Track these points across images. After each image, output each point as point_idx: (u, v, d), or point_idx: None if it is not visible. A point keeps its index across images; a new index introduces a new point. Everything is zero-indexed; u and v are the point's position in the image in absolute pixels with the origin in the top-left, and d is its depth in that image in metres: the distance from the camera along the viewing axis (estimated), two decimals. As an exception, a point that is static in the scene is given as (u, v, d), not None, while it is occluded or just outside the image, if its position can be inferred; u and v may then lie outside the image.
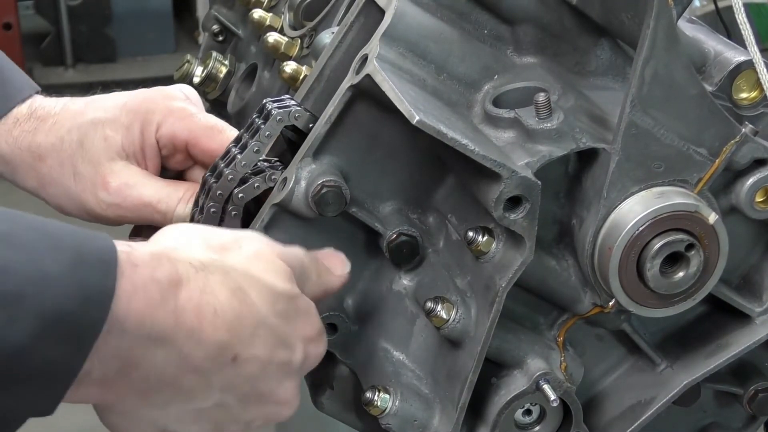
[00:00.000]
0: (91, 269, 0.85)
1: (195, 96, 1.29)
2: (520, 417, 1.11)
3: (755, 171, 1.06)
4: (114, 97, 1.28)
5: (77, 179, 1.25)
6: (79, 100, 1.28)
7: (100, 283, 0.85)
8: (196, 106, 1.26)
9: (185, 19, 6.33)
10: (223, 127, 1.23)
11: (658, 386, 1.12)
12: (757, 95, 1.13)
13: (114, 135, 1.24)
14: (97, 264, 0.86)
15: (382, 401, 1.08)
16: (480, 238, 1.04)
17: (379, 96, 1.03)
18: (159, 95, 1.25)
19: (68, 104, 1.28)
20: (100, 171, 1.24)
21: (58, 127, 1.26)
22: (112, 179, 1.23)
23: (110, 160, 1.24)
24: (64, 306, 0.82)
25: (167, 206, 1.22)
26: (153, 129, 1.23)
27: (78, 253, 0.85)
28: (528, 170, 1.00)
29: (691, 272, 1.03)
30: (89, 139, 1.24)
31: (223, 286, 0.94)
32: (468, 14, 1.10)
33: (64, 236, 0.86)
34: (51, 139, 1.26)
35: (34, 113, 1.27)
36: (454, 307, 1.06)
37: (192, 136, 1.23)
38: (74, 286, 0.83)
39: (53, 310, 0.82)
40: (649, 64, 0.98)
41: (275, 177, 1.11)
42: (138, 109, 1.24)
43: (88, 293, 0.84)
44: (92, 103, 1.28)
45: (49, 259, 0.83)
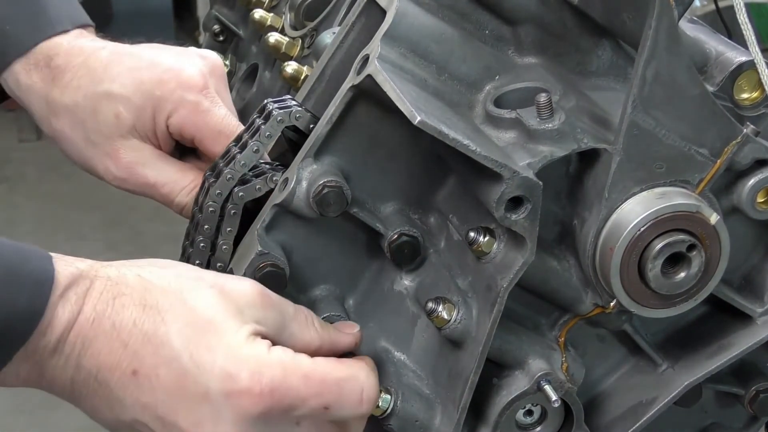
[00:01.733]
0: (21, 290, 0.91)
1: (218, 71, 1.27)
2: (522, 417, 1.11)
3: (757, 171, 1.06)
4: (134, 65, 1.26)
5: (88, 145, 1.26)
6: (102, 57, 1.27)
7: (27, 304, 0.91)
8: (212, 94, 1.24)
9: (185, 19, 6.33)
10: (232, 131, 1.22)
11: (659, 387, 1.12)
12: (758, 95, 1.13)
13: (126, 114, 1.24)
14: (29, 285, 0.91)
15: (383, 402, 1.08)
16: (481, 239, 1.04)
17: (381, 96, 1.02)
18: (176, 82, 1.24)
19: (89, 58, 1.27)
20: (113, 144, 1.25)
21: (75, 86, 1.26)
22: (123, 155, 1.25)
23: (122, 137, 1.25)
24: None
25: (170, 191, 1.24)
26: (164, 116, 1.24)
27: (11, 272, 0.91)
28: (529, 171, 1.00)
29: (692, 273, 1.03)
30: (103, 111, 1.25)
31: (135, 302, 0.96)
32: (469, 14, 1.10)
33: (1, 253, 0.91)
34: (66, 100, 1.26)
35: (53, 61, 1.27)
36: (455, 307, 1.06)
37: (199, 134, 1.23)
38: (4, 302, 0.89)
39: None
40: (651, 64, 0.98)
41: (276, 179, 1.11)
42: (152, 93, 1.24)
43: (14, 313, 0.90)
44: (113, 66, 1.26)
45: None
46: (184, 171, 1.25)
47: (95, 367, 0.95)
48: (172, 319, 0.95)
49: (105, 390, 0.96)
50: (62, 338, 0.94)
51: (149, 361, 0.94)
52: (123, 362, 0.95)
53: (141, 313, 0.95)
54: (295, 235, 1.10)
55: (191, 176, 1.24)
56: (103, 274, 0.96)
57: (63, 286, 0.93)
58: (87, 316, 0.94)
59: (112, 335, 0.94)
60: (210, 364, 0.94)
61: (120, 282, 0.96)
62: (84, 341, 0.94)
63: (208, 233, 1.13)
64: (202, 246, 1.13)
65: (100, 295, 0.95)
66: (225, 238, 1.12)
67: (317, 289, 1.13)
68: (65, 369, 0.95)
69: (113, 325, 0.94)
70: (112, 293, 0.95)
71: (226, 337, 0.95)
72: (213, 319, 0.96)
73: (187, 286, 0.98)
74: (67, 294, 0.94)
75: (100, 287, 0.95)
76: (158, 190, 1.24)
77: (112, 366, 0.95)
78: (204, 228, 1.13)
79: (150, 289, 0.96)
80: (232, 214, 1.12)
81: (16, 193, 4.74)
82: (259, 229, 1.08)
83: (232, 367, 0.94)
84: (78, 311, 0.94)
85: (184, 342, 0.94)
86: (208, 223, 1.12)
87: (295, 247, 1.10)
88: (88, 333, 0.94)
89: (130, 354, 0.94)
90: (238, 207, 1.12)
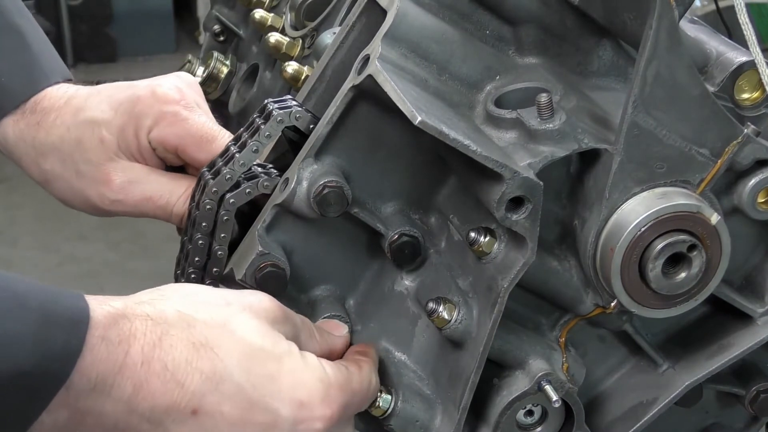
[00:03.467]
0: (58, 326, 0.89)
1: (192, 86, 1.28)
2: (522, 418, 1.11)
3: (757, 172, 1.06)
4: (113, 92, 1.28)
5: (79, 177, 1.27)
6: (83, 92, 1.29)
7: (64, 346, 0.89)
8: (190, 105, 1.25)
9: (186, 19, 6.34)
10: (214, 135, 1.23)
11: (660, 387, 1.12)
12: (759, 96, 1.13)
13: (109, 136, 1.25)
14: (65, 325, 0.89)
15: (384, 402, 1.08)
16: (482, 239, 1.04)
17: (381, 96, 1.02)
18: (152, 97, 1.25)
19: (72, 98, 1.29)
20: (103, 170, 1.25)
21: (59, 123, 1.27)
22: (115, 177, 1.25)
23: (110, 160, 1.25)
24: (23, 365, 0.86)
25: (167, 201, 1.24)
26: (145, 132, 1.24)
27: (45, 312, 0.89)
28: (530, 171, 1.00)
29: (693, 273, 1.03)
30: (87, 139, 1.26)
31: (183, 340, 0.95)
32: (470, 15, 1.10)
33: (31, 296, 0.89)
34: (52, 138, 1.27)
35: (40, 105, 1.28)
36: (456, 307, 1.06)
37: (182, 143, 1.23)
38: (39, 344, 0.87)
39: (11, 368, 0.86)
40: (652, 64, 0.98)
41: (267, 184, 1.11)
42: (131, 112, 1.25)
43: (51, 355, 0.88)
44: (92, 97, 1.28)
45: (12, 319, 0.87)
46: (177, 180, 1.25)
47: (149, 410, 0.93)
48: (226, 354, 0.95)
49: (158, 429, 0.94)
50: (109, 381, 0.91)
51: (210, 399, 0.94)
52: (181, 403, 0.94)
53: (193, 352, 0.94)
54: (296, 235, 1.10)
55: (185, 184, 1.24)
56: (140, 312, 0.95)
57: (102, 325, 0.92)
58: (135, 359, 0.92)
59: (166, 376, 0.93)
60: (277, 393, 0.96)
61: (161, 321, 0.95)
62: (135, 384, 0.92)
63: (206, 230, 1.13)
64: (201, 243, 1.13)
65: (144, 336, 0.93)
66: (220, 243, 1.13)
67: (318, 290, 1.13)
68: (113, 412, 0.93)
69: (165, 366, 0.93)
70: (157, 334, 0.94)
71: (283, 364, 0.97)
72: (264, 347, 0.97)
73: (227, 317, 0.98)
74: (108, 335, 0.92)
75: (142, 328, 0.94)
76: (155, 203, 1.24)
77: (169, 407, 0.93)
78: (202, 225, 1.13)
79: (193, 325, 0.96)
80: (224, 220, 1.12)
81: (16, 193, 4.74)
82: (260, 229, 1.08)
83: (303, 394, 0.97)
84: (124, 353, 0.92)
85: (245, 375, 0.95)
86: (206, 221, 1.13)
87: (296, 247, 1.10)
88: (140, 375, 0.92)
89: (188, 394, 0.94)
90: (230, 213, 1.12)
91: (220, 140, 1.22)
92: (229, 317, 0.98)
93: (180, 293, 1.00)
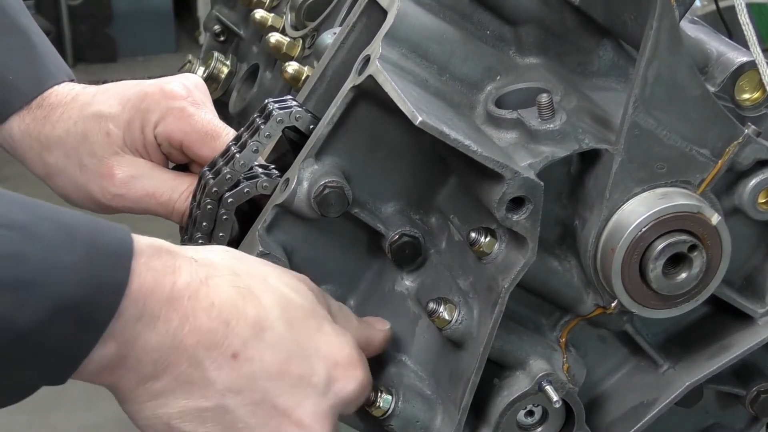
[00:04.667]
0: (104, 261, 0.88)
1: (200, 86, 1.29)
2: (523, 418, 1.11)
3: (758, 172, 1.06)
4: (121, 89, 1.29)
5: (83, 170, 1.27)
6: (90, 90, 1.30)
7: (112, 275, 0.88)
8: (197, 102, 1.26)
9: (186, 19, 6.34)
10: (218, 132, 1.23)
11: (660, 387, 1.12)
12: (759, 96, 1.13)
13: (116, 130, 1.26)
14: (111, 256, 0.89)
15: (385, 402, 1.08)
16: (482, 239, 1.04)
17: (382, 97, 1.02)
18: (160, 93, 1.26)
19: (79, 94, 1.30)
20: (106, 164, 1.26)
21: (65, 118, 1.28)
22: (118, 171, 1.26)
23: (115, 154, 1.26)
24: (75, 295, 0.86)
25: (168, 198, 1.24)
26: (151, 127, 1.25)
27: (92, 245, 0.88)
28: (531, 171, 1.00)
29: (693, 273, 1.03)
30: (93, 132, 1.27)
31: (229, 284, 0.95)
32: (470, 15, 1.10)
33: (79, 227, 0.89)
34: (58, 132, 1.28)
35: (47, 100, 1.29)
36: (456, 308, 1.06)
37: (187, 139, 1.24)
38: (86, 276, 0.87)
39: (63, 299, 0.85)
40: (652, 64, 0.98)
41: (266, 185, 1.11)
42: (138, 107, 1.26)
43: (100, 284, 0.87)
44: (100, 94, 1.29)
45: (63, 250, 0.86)
46: (179, 177, 1.26)
47: (192, 346, 0.92)
48: (270, 304, 0.96)
49: (196, 370, 0.93)
50: (155, 311, 0.90)
51: (253, 345, 0.94)
52: (224, 344, 0.93)
53: (238, 296, 0.94)
54: (296, 235, 1.10)
55: (187, 181, 1.24)
56: (184, 253, 0.94)
57: (146, 254, 0.91)
58: (182, 292, 0.91)
59: (212, 314, 0.92)
60: (315, 349, 0.97)
61: (206, 264, 0.95)
62: (182, 317, 0.91)
63: (206, 230, 1.13)
64: (201, 243, 1.14)
65: (189, 273, 0.93)
66: (218, 243, 1.13)
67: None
68: (157, 347, 0.91)
69: (212, 303, 0.93)
70: (203, 273, 0.93)
71: (322, 325, 0.99)
72: (304, 305, 0.99)
73: (268, 273, 0.99)
74: (153, 264, 0.91)
75: (187, 266, 0.93)
76: (157, 199, 1.24)
77: (212, 345, 0.93)
78: (202, 225, 1.13)
79: (238, 273, 0.96)
80: (223, 219, 1.12)
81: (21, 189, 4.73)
82: (260, 229, 1.08)
83: (339, 355, 0.98)
84: (171, 284, 0.91)
85: (287, 326, 0.96)
86: (206, 220, 1.13)
87: (296, 247, 1.10)
88: (187, 309, 0.91)
89: (232, 335, 0.93)
90: (229, 212, 1.12)
91: (224, 137, 1.22)
92: (269, 274, 0.99)
93: (222, 248, 1.01)
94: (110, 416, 3.25)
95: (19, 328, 0.84)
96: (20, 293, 0.84)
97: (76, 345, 0.88)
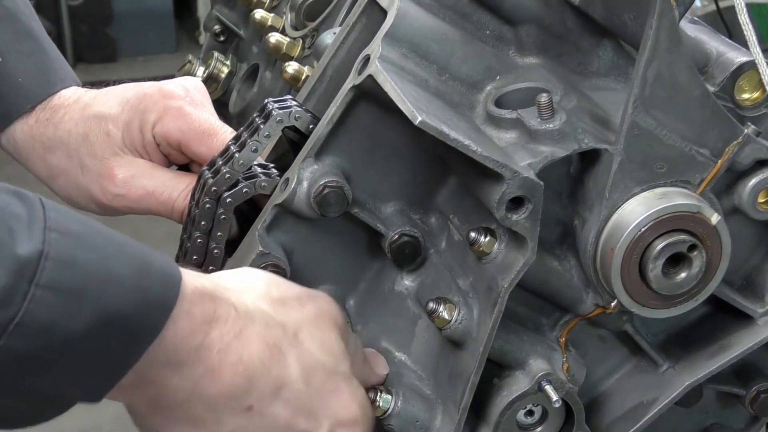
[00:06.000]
0: (155, 279, 0.89)
1: (199, 88, 1.30)
2: (522, 418, 1.11)
3: (757, 172, 1.06)
4: (121, 91, 1.30)
5: (84, 171, 1.28)
6: (92, 93, 1.32)
7: (162, 292, 0.89)
8: (195, 102, 1.27)
9: (186, 19, 6.34)
10: (216, 130, 1.24)
11: (660, 387, 1.12)
12: (759, 96, 1.13)
13: (115, 131, 1.27)
14: (162, 275, 0.90)
15: (384, 402, 1.08)
16: (482, 239, 1.04)
17: (382, 97, 1.02)
18: (159, 93, 1.27)
19: (81, 97, 1.31)
20: (107, 164, 1.27)
21: (67, 119, 1.29)
22: (118, 171, 1.27)
23: (115, 155, 1.27)
24: (124, 308, 0.86)
25: (168, 197, 1.25)
26: (149, 127, 1.26)
27: (143, 262, 0.89)
28: (530, 171, 1.00)
29: (693, 273, 1.03)
30: (93, 133, 1.28)
31: (260, 338, 0.96)
32: (470, 15, 1.10)
33: (130, 244, 0.90)
34: (60, 133, 1.29)
35: (50, 103, 1.31)
36: (456, 307, 1.06)
37: (184, 137, 1.24)
38: (136, 291, 0.87)
39: (113, 310, 0.86)
40: (652, 64, 0.98)
41: (265, 185, 1.11)
42: (137, 107, 1.27)
43: (148, 301, 0.88)
44: (101, 95, 1.30)
45: (116, 263, 0.87)
46: (179, 176, 1.26)
47: (212, 396, 0.94)
48: (294, 362, 0.98)
49: (210, 414, 0.95)
50: (183, 358, 0.92)
51: (269, 400, 0.97)
52: (242, 396, 0.95)
53: (266, 352, 0.96)
54: (296, 235, 1.10)
55: (187, 180, 1.25)
56: (225, 298, 0.95)
57: (188, 300, 0.91)
58: (214, 344, 0.93)
59: (238, 369, 0.94)
60: (325, 408, 1.00)
61: (243, 314, 0.96)
62: (208, 368, 0.93)
63: (205, 229, 1.13)
64: (200, 242, 1.14)
65: (225, 324, 0.94)
66: (216, 242, 1.13)
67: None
68: (176, 390, 0.93)
69: (240, 359, 0.94)
70: (239, 325, 0.95)
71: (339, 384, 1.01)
72: (326, 365, 1.00)
73: (300, 326, 1.00)
74: (194, 311, 0.92)
75: (225, 315, 0.94)
76: (157, 198, 1.25)
77: (231, 397, 0.95)
78: (201, 224, 1.13)
79: (271, 326, 0.98)
80: (222, 219, 1.12)
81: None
82: (260, 229, 1.08)
83: (344, 415, 1.01)
84: (204, 335, 0.93)
85: (305, 385, 0.99)
86: (205, 220, 1.13)
87: (296, 247, 1.10)
88: (214, 361, 0.93)
89: (251, 390, 0.95)
90: (227, 212, 1.12)
91: (222, 136, 1.23)
92: (301, 326, 1.00)
93: (261, 283, 1.01)
94: (110, 416, 3.25)
95: (69, 334, 0.84)
96: (73, 300, 0.84)
97: (119, 359, 0.88)
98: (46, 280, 0.83)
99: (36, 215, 0.85)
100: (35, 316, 0.82)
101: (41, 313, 0.82)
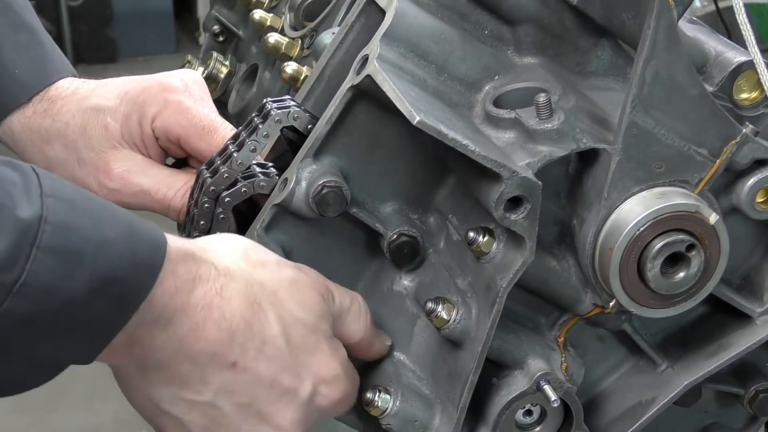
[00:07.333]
0: (143, 242, 0.92)
1: (198, 82, 1.30)
2: (521, 417, 1.11)
3: (756, 171, 1.06)
4: (119, 83, 1.30)
5: (81, 164, 1.28)
6: (90, 84, 1.32)
7: (150, 255, 0.92)
8: (195, 96, 1.27)
9: (186, 19, 6.33)
10: (216, 127, 1.24)
11: (659, 387, 1.12)
12: (757, 96, 1.13)
13: (114, 124, 1.27)
14: (149, 238, 0.93)
15: (383, 401, 1.08)
16: (481, 239, 1.04)
17: (380, 96, 1.03)
18: (158, 86, 1.27)
19: (79, 88, 1.31)
20: (104, 157, 1.27)
21: (65, 111, 1.29)
22: (115, 166, 1.26)
23: (112, 148, 1.27)
24: (118, 269, 0.89)
25: (164, 195, 1.25)
26: (149, 121, 1.26)
27: (132, 226, 0.92)
28: (529, 171, 1.00)
29: (691, 273, 1.03)
30: (91, 125, 1.28)
31: (241, 296, 0.99)
32: (468, 15, 1.10)
33: (118, 210, 0.93)
34: (57, 124, 1.29)
35: (47, 94, 1.31)
36: (454, 307, 1.06)
37: (184, 133, 1.24)
38: (128, 254, 0.90)
39: (108, 271, 0.88)
40: (650, 64, 0.98)
41: (264, 184, 1.11)
42: (136, 100, 1.26)
43: (138, 263, 0.90)
44: (99, 87, 1.31)
45: (109, 227, 0.90)
46: (175, 174, 1.26)
47: (197, 352, 0.96)
48: (275, 318, 1.00)
49: (196, 371, 0.97)
50: (169, 316, 0.94)
51: (252, 356, 0.99)
52: (226, 351, 0.97)
53: (248, 308, 0.98)
54: (295, 235, 1.10)
55: (184, 179, 1.25)
56: (206, 258, 0.98)
57: (173, 259, 0.94)
58: (198, 301, 0.96)
59: (221, 325, 0.97)
60: (308, 365, 1.02)
61: (224, 272, 0.98)
62: (192, 326, 0.95)
63: (203, 229, 1.14)
64: None
65: (208, 282, 0.97)
66: None
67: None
68: (162, 347, 0.95)
69: (223, 315, 0.97)
70: (220, 283, 0.97)
71: (319, 342, 1.03)
72: (306, 322, 1.02)
73: (279, 284, 1.02)
74: (178, 270, 0.94)
75: (206, 274, 0.97)
76: (153, 196, 1.25)
77: (215, 353, 0.97)
78: (200, 224, 1.14)
79: (251, 284, 0.99)
80: (220, 218, 1.13)
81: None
82: (259, 229, 1.08)
83: (327, 373, 1.03)
84: (189, 293, 0.95)
85: (286, 341, 1.00)
86: (204, 219, 1.13)
87: (295, 247, 1.10)
88: (198, 318, 0.95)
89: (236, 346, 0.98)
90: (226, 212, 1.13)
91: (222, 132, 1.23)
92: (280, 286, 1.02)
93: (240, 246, 1.03)
94: (110, 417, 3.25)
95: (67, 297, 0.86)
96: (70, 262, 0.86)
97: (111, 321, 0.91)
98: (46, 243, 0.85)
99: (31, 182, 0.87)
100: (37, 278, 0.84)
101: (43, 275, 0.85)
